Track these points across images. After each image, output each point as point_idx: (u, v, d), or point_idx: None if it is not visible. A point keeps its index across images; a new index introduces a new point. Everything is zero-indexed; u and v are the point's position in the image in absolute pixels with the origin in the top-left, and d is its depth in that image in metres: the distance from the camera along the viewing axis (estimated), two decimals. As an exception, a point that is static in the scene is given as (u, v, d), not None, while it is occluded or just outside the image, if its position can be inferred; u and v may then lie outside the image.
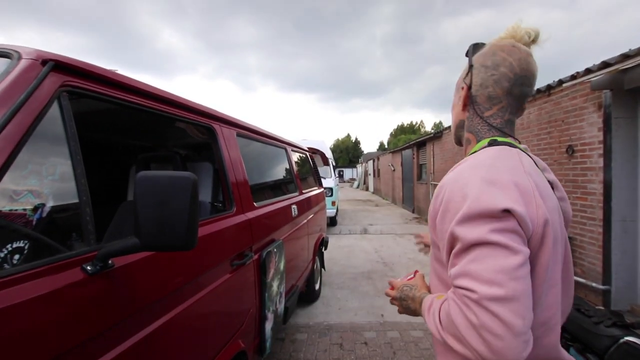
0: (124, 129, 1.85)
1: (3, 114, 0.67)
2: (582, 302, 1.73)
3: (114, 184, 2.06)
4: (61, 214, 0.83)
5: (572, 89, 3.54)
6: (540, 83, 3.43)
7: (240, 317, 1.51)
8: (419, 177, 10.56)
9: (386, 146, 56.88)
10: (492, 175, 0.62)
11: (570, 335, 1.65)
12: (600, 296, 3.21)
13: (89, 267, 0.76)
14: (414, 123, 62.49)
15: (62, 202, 0.83)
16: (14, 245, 0.69)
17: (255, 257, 1.68)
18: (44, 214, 0.77)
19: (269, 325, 1.83)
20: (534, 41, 0.77)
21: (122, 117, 1.65)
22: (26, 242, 0.71)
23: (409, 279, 0.90)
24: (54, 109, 0.80)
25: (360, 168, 32.14)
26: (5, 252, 0.68)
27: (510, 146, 0.73)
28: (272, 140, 2.58)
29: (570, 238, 3.63)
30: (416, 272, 0.92)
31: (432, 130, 13.71)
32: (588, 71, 3.17)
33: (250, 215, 1.70)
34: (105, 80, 0.96)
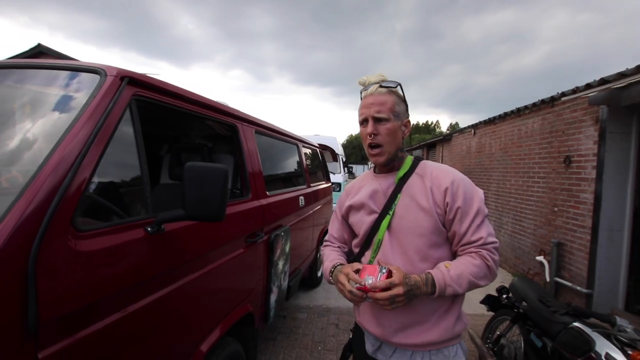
0: (167, 124, 2.16)
1: (101, 116, 0.97)
2: (545, 293, 1.98)
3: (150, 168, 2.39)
4: (132, 189, 1.13)
5: (573, 102, 3.70)
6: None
7: (251, 285, 1.81)
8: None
9: (399, 145, 56.25)
10: (466, 176, 1.05)
11: (533, 322, 1.91)
12: (584, 299, 3.40)
13: (149, 229, 1.06)
14: (429, 123, 61.95)
15: (132, 181, 1.13)
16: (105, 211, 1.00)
17: (265, 237, 1.98)
18: (123, 190, 1.07)
19: (273, 297, 2.13)
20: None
21: (168, 115, 1.96)
22: (111, 208, 1.01)
23: (383, 278, 0.89)
24: (127, 112, 1.10)
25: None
26: (101, 216, 0.98)
27: None
28: (285, 137, 2.86)
29: (560, 244, 3.82)
30: (389, 270, 0.91)
31: (448, 131, 13.71)
32: (588, 86, 3.32)
33: (263, 202, 2.00)
34: (159, 89, 1.26)
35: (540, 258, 4.16)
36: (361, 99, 1.09)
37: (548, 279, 3.94)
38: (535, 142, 4.43)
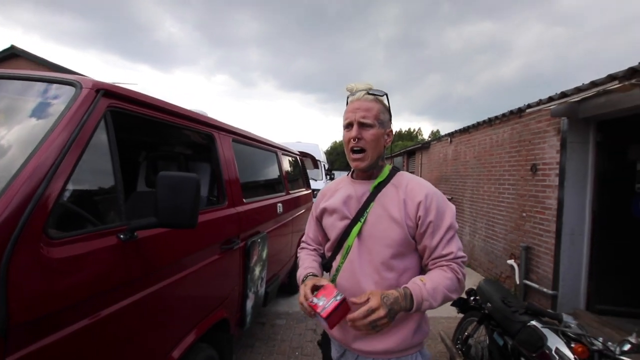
0: (144, 133, 2.18)
1: (75, 127, 1.00)
2: (507, 294, 2.11)
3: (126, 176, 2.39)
4: (106, 197, 1.16)
5: (538, 113, 3.93)
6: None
7: (226, 291, 1.85)
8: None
9: (382, 151, 57.11)
10: (440, 191, 1.07)
11: (496, 322, 2.02)
12: (550, 300, 3.59)
13: (121, 236, 1.09)
14: (412, 130, 63.29)
15: (107, 189, 1.16)
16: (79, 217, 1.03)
17: (242, 244, 2.02)
18: (97, 198, 1.10)
19: (249, 303, 2.16)
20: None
21: (144, 124, 1.98)
22: (85, 216, 1.04)
23: (335, 304, 0.90)
24: (102, 123, 1.13)
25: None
26: (74, 224, 1.01)
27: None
28: (263, 145, 2.92)
29: (529, 247, 4.02)
30: (344, 299, 0.92)
31: (429, 139, 14.13)
32: (550, 99, 3.56)
33: (240, 209, 2.04)
34: (134, 100, 1.30)
35: (511, 262, 4.36)
36: (347, 104, 1.11)
37: (518, 282, 4.12)
38: (505, 150, 4.66)
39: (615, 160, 3.44)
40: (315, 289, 1.00)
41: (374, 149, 1.05)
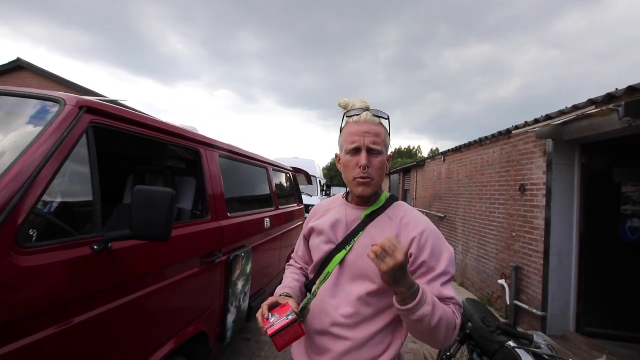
0: (131, 148, 2.24)
1: (56, 141, 1.06)
2: (487, 314, 2.11)
3: (114, 188, 2.43)
4: (82, 209, 1.21)
5: (525, 134, 4.02)
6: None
7: (205, 305, 1.86)
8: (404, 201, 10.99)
9: (381, 168, 57.43)
10: (438, 230, 0.97)
11: (476, 342, 2.02)
12: (539, 322, 3.56)
13: (95, 247, 1.13)
14: (411, 148, 63.88)
15: (83, 202, 1.21)
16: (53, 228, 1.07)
17: (224, 258, 2.04)
18: (73, 210, 1.15)
19: (231, 318, 2.16)
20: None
21: (129, 139, 2.05)
22: (60, 226, 1.08)
23: (284, 323, 0.87)
24: (84, 138, 1.19)
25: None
26: (47, 234, 1.05)
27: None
28: (253, 161, 2.98)
29: (518, 267, 4.02)
30: (295, 319, 0.88)
31: (429, 156, 14.28)
32: (536, 121, 3.65)
33: (223, 223, 2.07)
34: (117, 117, 1.36)
35: (502, 282, 4.34)
36: (343, 121, 1.02)
37: (508, 302, 4.09)
38: (496, 170, 4.73)
39: (601, 182, 3.49)
40: (276, 306, 0.95)
41: (380, 177, 0.97)
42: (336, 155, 1.07)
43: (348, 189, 1.05)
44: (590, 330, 3.43)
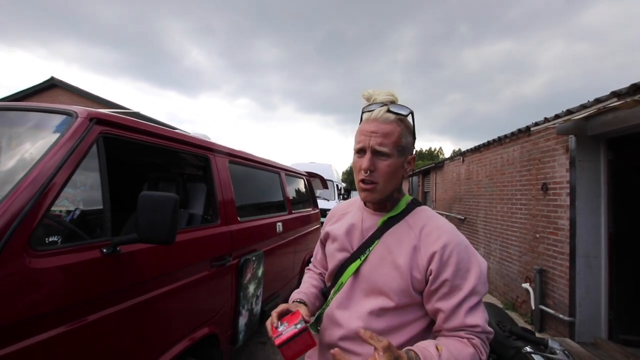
0: (141, 156, 2.35)
1: (68, 151, 1.13)
2: (504, 318, 2.03)
3: (131, 196, 2.55)
4: (92, 215, 1.28)
5: (546, 131, 3.86)
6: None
7: (216, 307, 1.90)
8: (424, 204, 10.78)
9: (402, 171, 56.65)
10: (467, 240, 0.85)
11: (491, 347, 1.94)
12: (567, 327, 3.37)
13: (104, 250, 1.19)
14: (432, 149, 62.63)
15: (94, 207, 1.28)
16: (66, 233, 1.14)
17: (234, 261, 2.08)
18: (84, 215, 1.22)
19: (242, 321, 2.19)
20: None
21: (140, 148, 2.15)
22: (72, 230, 1.15)
23: (293, 332, 0.80)
24: (94, 147, 1.26)
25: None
26: (59, 237, 1.12)
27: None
28: (265, 167, 3.03)
29: (543, 270, 3.84)
30: (305, 328, 0.81)
31: (448, 158, 13.99)
32: (557, 116, 3.50)
33: (233, 227, 2.12)
34: (127, 127, 1.44)
35: (526, 285, 4.16)
36: (361, 118, 0.91)
37: (533, 307, 3.91)
38: (516, 169, 4.56)
39: (631, 179, 3.29)
40: (287, 314, 0.89)
41: (388, 182, 0.86)
42: None
43: None
44: (625, 338, 3.21)
